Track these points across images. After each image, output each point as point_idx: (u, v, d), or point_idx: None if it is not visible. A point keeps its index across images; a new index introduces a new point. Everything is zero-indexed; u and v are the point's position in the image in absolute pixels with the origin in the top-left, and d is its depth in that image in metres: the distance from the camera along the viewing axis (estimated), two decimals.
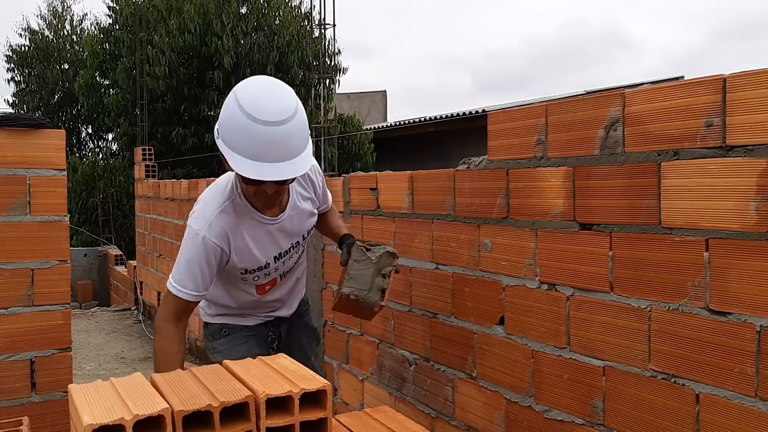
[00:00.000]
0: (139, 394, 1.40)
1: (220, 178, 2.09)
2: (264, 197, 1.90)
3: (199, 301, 1.98)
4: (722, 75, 1.45)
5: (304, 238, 2.14)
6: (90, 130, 19.22)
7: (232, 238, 1.94)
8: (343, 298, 2.01)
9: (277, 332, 2.26)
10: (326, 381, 1.48)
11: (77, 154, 18.07)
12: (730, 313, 1.44)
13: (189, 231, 1.94)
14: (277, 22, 13.49)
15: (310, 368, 1.58)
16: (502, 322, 2.07)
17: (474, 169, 2.17)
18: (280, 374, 1.53)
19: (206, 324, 2.27)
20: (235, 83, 1.89)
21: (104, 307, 8.66)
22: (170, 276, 1.94)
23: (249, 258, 1.99)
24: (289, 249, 2.10)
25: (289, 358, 1.69)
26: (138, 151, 7.88)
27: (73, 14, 20.48)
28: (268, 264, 2.05)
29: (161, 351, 1.91)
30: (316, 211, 2.17)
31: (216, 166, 12.57)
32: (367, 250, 2.05)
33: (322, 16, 13.83)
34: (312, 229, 2.18)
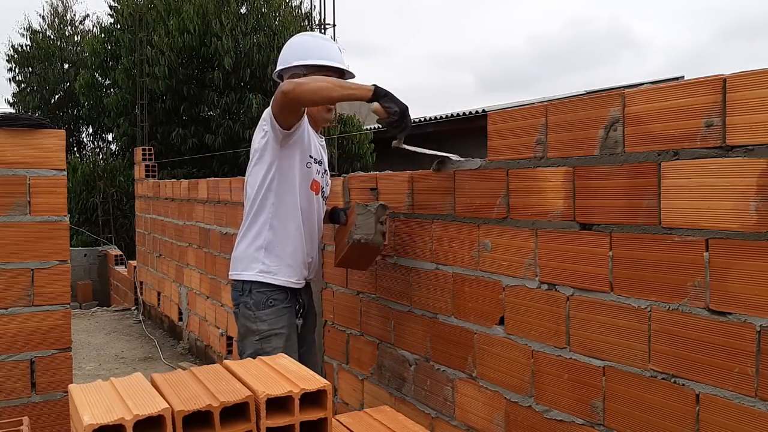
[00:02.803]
0: (139, 394, 1.40)
1: None
2: (327, 112, 2.51)
3: None
4: (722, 75, 1.45)
5: (326, 172, 2.61)
6: (90, 130, 19.22)
7: (305, 125, 2.41)
8: (351, 246, 2.33)
9: (302, 300, 2.52)
10: (326, 381, 1.48)
11: (77, 155, 18.07)
12: (730, 313, 1.44)
13: None
14: (277, 22, 13.46)
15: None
16: (502, 322, 2.07)
17: (474, 169, 2.17)
18: (281, 374, 1.53)
19: (250, 289, 2.37)
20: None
21: (104, 307, 8.65)
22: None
23: (309, 145, 2.42)
24: (324, 163, 2.57)
25: (289, 357, 1.70)
26: (138, 151, 7.88)
27: (74, 14, 20.48)
28: (317, 161, 2.51)
29: (311, 83, 2.18)
30: (327, 170, 2.65)
31: (216, 166, 12.57)
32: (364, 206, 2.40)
33: (322, 16, 13.84)
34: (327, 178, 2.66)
